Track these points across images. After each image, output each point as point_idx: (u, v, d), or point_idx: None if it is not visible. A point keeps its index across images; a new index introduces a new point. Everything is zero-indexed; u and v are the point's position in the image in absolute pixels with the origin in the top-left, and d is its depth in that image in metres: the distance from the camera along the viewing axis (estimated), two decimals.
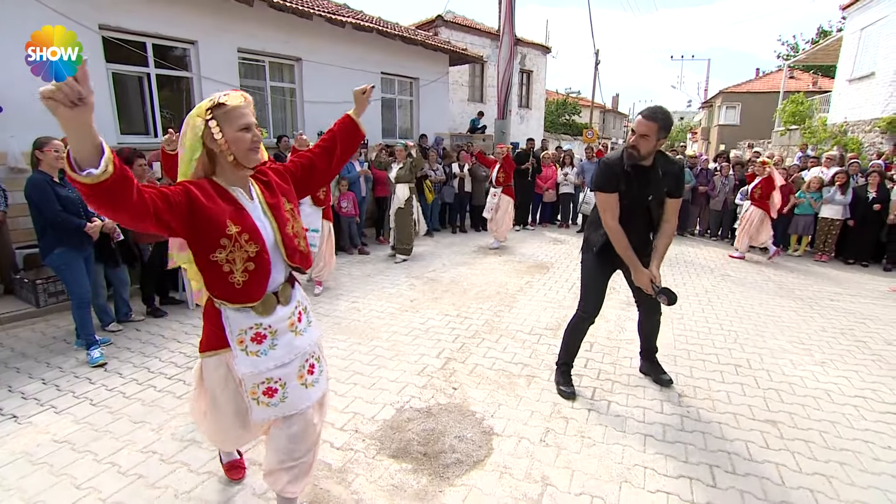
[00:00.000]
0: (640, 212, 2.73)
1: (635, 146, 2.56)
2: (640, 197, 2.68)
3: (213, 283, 1.62)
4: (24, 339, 3.96)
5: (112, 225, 3.72)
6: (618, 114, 38.33)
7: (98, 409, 2.87)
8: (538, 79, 17.36)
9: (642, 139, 2.52)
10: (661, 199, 2.74)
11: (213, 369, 1.77)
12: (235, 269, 1.59)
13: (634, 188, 2.66)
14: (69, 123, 1.10)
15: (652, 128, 2.49)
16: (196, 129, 1.53)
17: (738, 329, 4.25)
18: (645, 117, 2.51)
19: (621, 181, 2.65)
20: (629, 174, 2.64)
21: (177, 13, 6.04)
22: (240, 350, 1.68)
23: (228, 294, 1.62)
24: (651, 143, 2.53)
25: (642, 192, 2.66)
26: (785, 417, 2.85)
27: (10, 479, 2.27)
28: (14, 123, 4.71)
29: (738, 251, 7.24)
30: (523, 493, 2.16)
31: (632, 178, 2.65)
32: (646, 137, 2.51)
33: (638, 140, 2.54)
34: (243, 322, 1.67)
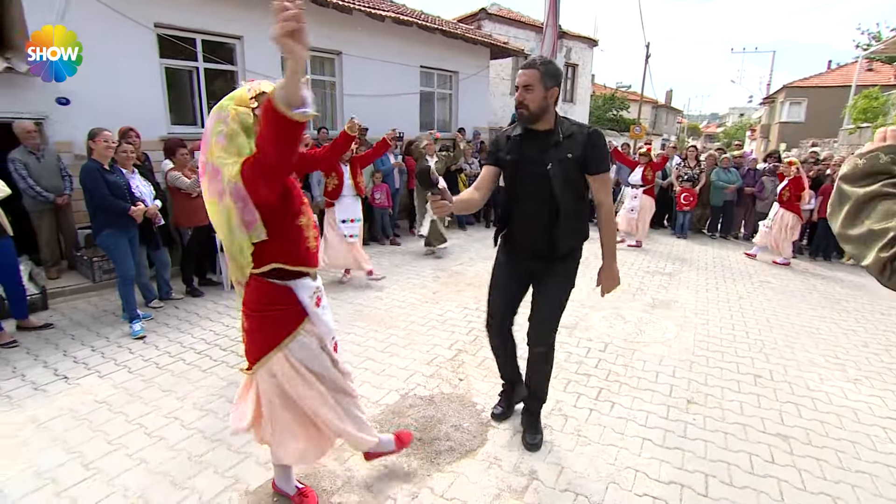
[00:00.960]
0: (538, 188, 2.19)
1: (521, 101, 2.13)
2: (536, 167, 2.17)
3: (293, 249, 1.73)
4: (80, 310, 4.38)
5: (154, 210, 4.04)
6: (671, 109, 36.72)
7: (134, 377, 3.16)
8: (584, 72, 16.93)
9: (527, 91, 2.10)
10: (568, 172, 2.16)
11: (305, 345, 1.80)
12: (310, 235, 1.80)
13: (527, 156, 2.20)
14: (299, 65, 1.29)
15: (533, 75, 2.09)
16: (246, 118, 1.62)
17: (766, 338, 4.07)
18: (523, 67, 2.14)
19: (504, 151, 2.26)
20: (519, 140, 2.23)
21: (225, 10, 6.38)
22: (317, 310, 1.85)
23: (306, 258, 1.78)
24: (538, 94, 2.10)
25: (538, 159, 2.17)
26: (799, 433, 2.74)
27: (57, 431, 2.58)
28: (80, 116, 5.16)
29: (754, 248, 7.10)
30: (508, 485, 2.21)
31: (523, 144, 2.22)
32: (529, 88, 2.09)
33: (523, 94, 2.11)
34: (308, 289, 1.83)
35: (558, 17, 10.40)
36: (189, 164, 4.56)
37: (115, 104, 5.40)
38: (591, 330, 4.10)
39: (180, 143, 4.59)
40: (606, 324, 4.26)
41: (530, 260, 2.34)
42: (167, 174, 4.50)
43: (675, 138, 32.12)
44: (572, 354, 3.62)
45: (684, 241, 8.15)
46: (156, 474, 2.25)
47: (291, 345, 1.79)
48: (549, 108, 2.18)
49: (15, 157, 4.57)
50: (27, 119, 4.81)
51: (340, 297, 4.76)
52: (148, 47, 5.79)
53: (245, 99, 1.64)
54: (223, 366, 3.34)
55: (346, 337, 3.78)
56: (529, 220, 2.27)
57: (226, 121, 1.60)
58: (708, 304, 4.91)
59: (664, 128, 33.54)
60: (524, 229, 2.31)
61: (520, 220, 2.31)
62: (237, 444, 2.46)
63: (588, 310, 4.58)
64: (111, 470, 2.27)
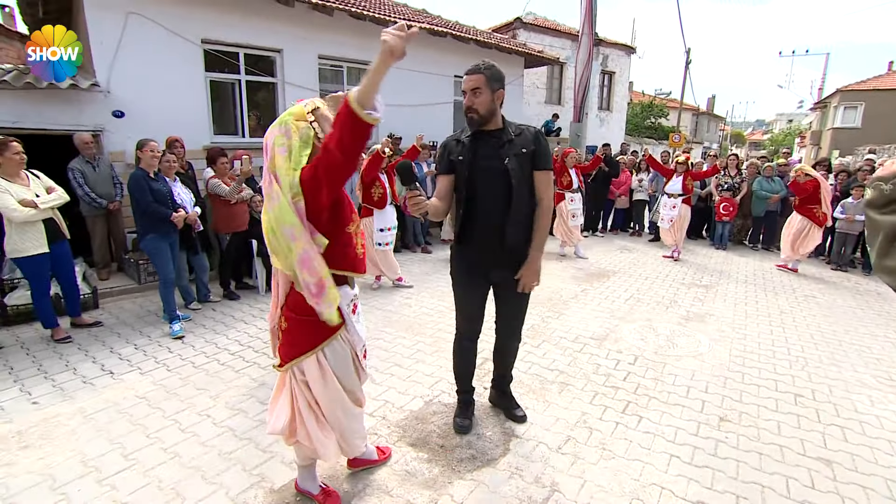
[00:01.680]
0: (495, 185, 2.30)
1: (470, 106, 2.25)
2: (492, 163, 2.29)
3: (343, 255, 1.81)
4: (126, 309, 4.64)
5: (194, 216, 4.25)
6: (713, 116, 35.54)
7: (172, 375, 3.32)
8: (621, 80, 16.67)
9: (475, 95, 2.22)
10: (523, 166, 2.30)
11: (339, 354, 1.89)
12: (357, 242, 1.88)
13: (481, 155, 2.31)
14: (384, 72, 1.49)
15: (480, 79, 2.21)
16: (306, 132, 1.70)
17: (809, 356, 3.86)
18: (468, 73, 2.25)
19: (457, 154, 2.34)
20: (472, 142, 2.33)
21: (266, 25, 6.67)
22: (353, 318, 1.93)
23: (354, 263, 1.86)
24: (487, 97, 2.23)
25: (494, 156, 2.30)
26: (844, 458, 2.58)
27: (101, 422, 2.74)
28: (132, 127, 5.51)
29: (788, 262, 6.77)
30: (529, 496, 2.19)
31: (476, 145, 2.33)
32: (478, 91, 2.21)
33: (472, 99, 2.23)
34: (347, 297, 1.91)
35: (594, 24, 10.31)
36: (229, 172, 4.77)
37: (163, 116, 5.74)
38: (622, 342, 4.01)
39: (221, 152, 4.82)
40: (637, 336, 4.15)
41: (489, 268, 2.44)
42: (208, 182, 4.73)
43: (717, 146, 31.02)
44: (601, 366, 3.54)
45: (723, 253, 7.85)
46: (188, 468, 2.35)
47: (326, 349, 1.86)
48: (497, 109, 2.32)
49: (74, 166, 4.91)
50: (86, 131, 5.17)
51: (370, 303, 4.84)
52: (195, 62, 6.13)
53: (303, 114, 1.73)
54: (255, 367, 3.45)
55: (374, 342, 3.85)
56: (486, 219, 2.34)
57: (288, 134, 1.69)
58: (746, 318, 4.70)
59: (705, 136, 32.49)
60: (481, 230, 2.37)
61: (477, 220, 2.36)
62: (265, 444, 2.54)
63: (619, 321, 4.48)
64: (148, 462, 2.39)
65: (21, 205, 3.46)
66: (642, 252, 7.66)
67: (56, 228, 3.76)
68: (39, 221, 3.61)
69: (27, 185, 3.61)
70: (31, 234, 3.57)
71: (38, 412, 2.84)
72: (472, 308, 2.58)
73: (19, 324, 4.17)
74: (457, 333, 2.71)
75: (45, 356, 3.60)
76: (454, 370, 2.78)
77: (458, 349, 2.71)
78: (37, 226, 3.60)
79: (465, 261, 2.51)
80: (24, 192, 3.53)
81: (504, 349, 2.74)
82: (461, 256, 2.52)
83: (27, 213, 3.48)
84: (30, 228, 3.57)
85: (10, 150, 3.49)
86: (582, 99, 10.26)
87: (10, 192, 3.44)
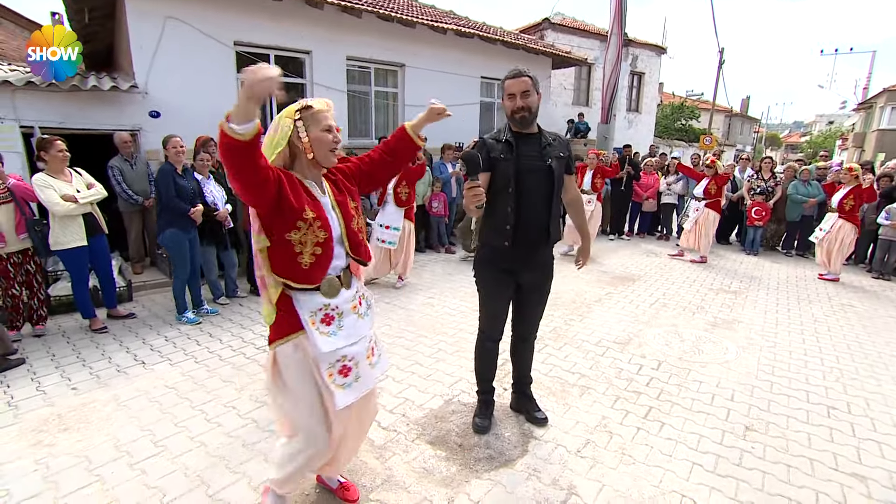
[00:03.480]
0: (539, 184, 2.38)
1: (523, 106, 2.32)
2: (536, 164, 2.38)
3: (280, 262, 1.73)
4: (158, 303, 4.82)
5: (224, 213, 4.38)
6: (747, 118, 34.43)
7: (200, 367, 3.44)
8: (650, 81, 16.34)
9: (525, 97, 2.31)
10: (561, 170, 2.45)
11: (290, 355, 1.77)
12: (304, 252, 1.71)
13: (526, 155, 2.38)
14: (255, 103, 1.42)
15: (528, 82, 2.31)
16: (284, 129, 1.70)
17: (844, 367, 3.70)
18: (514, 77, 2.32)
19: (500, 153, 2.37)
20: (515, 142, 2.39)
21: (296, 27, 6.82)
22: (313, 329, 1.75)
23: (293, 274, 1.71)
24: (535, 98, 2.35)
25: (536, 156, 2.39)
26: (882, 475, 2.47)
27: (133, 409, 2.86)
28: (167, 127, 5.68)
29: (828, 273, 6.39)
30: (545, 498, 2.18)
31: (519, 146, 2.39)
32: (528, 94, 2.31)
33: (524, 100, 2.32)
34: (312, 304, 1.76)
35: (624, 24, 10.13)
36: None
37: (197, 115, 5.93)
38: (645, 346, 3.94)
39: None
40: (662, 341, 4.07)
41: (521, 266, 2.49)
42: None
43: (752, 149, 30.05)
44: (623, 371, 3.49)
45: (755, 258, 7.61)
46: (213, 457, 2.43)
47: (281, 349, 1.78)
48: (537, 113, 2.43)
49: (113, 164, 5.14)
50: (125, 131, 5.40)
51: (393, 303, 4.89)
52: (227, 64, 6.32)
53: (291, 111, 1.72)
54: None
55: (396, 341, 3.89)
56: (530, 216, 2.40)
57: (275, 128, 1.72)
58: (777, 326, 4.55)
59: (739, 138, 31.52)
60: (525, 228, 2.40)
61: (521, 218, 2.39)
62: None
63: (643, 326, 4.40)
64: (176, 449, 2.48)
65: (63, 199, 3.64)
66: (669, 256, 7.49)
67: (94, 223, 3.94)
68: (79, 216, 3.80)
69: (70, 181, 3.79)
70: (71, 228, 3.76)
71: (77, 397, 2.98)
72: (497, 308, 2.60)
73: (61, 314, 4.38)
74: (480, 333, 2.72)
75: (83, 345, 3.77)
76: (475, 370, 2.78)
77: (480, 349, 2.72)
78: (77, 220, 3.79)
79: (498, 261, 2.50)
80: (67, 188, 3.71)
81: (523, 346, 2.77)
82: (494, 257, 2.50)
83: (68, 208, 3.66)
84: (70, 223, 3.75)
85: (55, 149, 3.68)
86: (610, 100, 10.10)
87: (53, 188, 3.63)
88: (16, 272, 3.75)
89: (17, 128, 4.94)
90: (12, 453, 2.43)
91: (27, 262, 3.84)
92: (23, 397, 2.98)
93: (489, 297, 2.60)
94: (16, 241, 3.69)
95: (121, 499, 2.12)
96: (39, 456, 2.41)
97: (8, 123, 4.90)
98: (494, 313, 2.61)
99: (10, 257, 3.71)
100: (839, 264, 6.28)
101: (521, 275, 2.51)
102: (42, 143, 3.70)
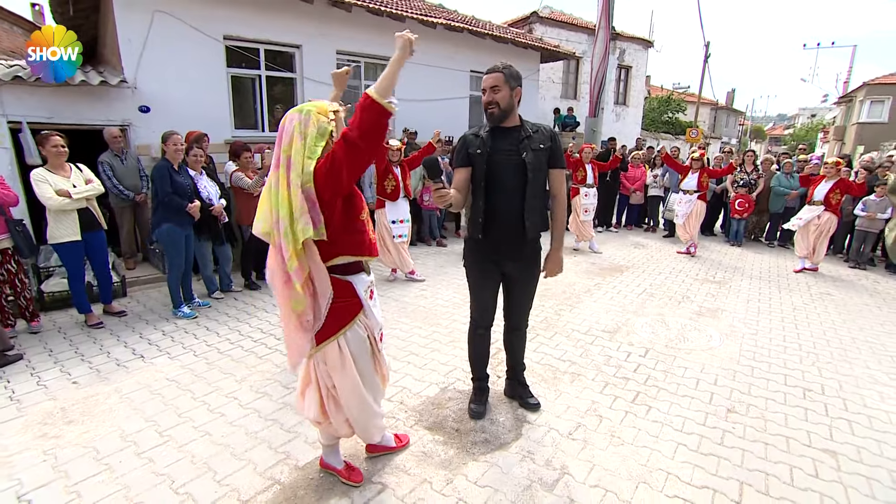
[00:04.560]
0: (512, 178, 2.43)
1: (490, 101, 2.37)
2: (510, 158, 2.42)
3: (359, 241, 1.93)
4: (153, 298, 4.84)
5: (219, 208, 4.41)
6: (732, 111, 34.90)
7: (199, 360, 3.49)
8: (637, 74, 16.51)
9: (494, 92, 2.36)
10: (540, 162, 2.45)
11: (359, 337, 2.00)
12: (369, 229, 2.00)
13: (500, 149, 2.43)
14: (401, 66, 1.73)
15: (499, 78, 2.33)
16: (325, 126, 1.80)
17: (820, 352, 3.88)
18: (487, 73, 2.38)
19: (477, 148, 2.43)
20: (491, 136, 2.45)
21: (286, 22, 6.81)
22: (369, 303, 2.03)
23: (368, 248, 1.97)
24: (506, 94, 2.36)
25: (512, 151, 2.43)
26: (850, 450, 2.63)
27: (136, 402, 2.92)
28: (157, 122, 5.70)
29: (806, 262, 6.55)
30: (539, 477, 2.30)
31: (495, 140, 2.44)
32: (496, 89, 2.35)
33: (491, 95, 2.36)
34: (364, 283, 2.02)
35: (612, 18, 10.25)
36: (251, 166, 4.93)
37: (187, 110, 5.92)
38: (633, 335, 4.08)
39: (245, 146, 4.98)
40: (649, 329, 4.21)
41: (502, 257, 2.56)
42: (231, 175, 4.89)
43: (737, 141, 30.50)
44: (612, 358, 3.63)
45: (738, 249, 7.82)
46: (218, 445, 2.50)
47: (348, 334, 1.97)
48: (515, 106, 2.44)
49: (104, 159, 5.12)
50: (114, 126, 5.37)
51: (387, 294, 4.97)
52: (217, 58, 6.29)
53: (325, 110, 1.82)
54: (277, 353, 3.61)
55: (391, 332, 3.97)
56: (505, 210, 2.46)
57: (306, 123, 1.78)
58: (759, 314, 4.73)
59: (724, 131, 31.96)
60: (501, 221, 2.48)
61: (497, 211, 2.47)
62: (289, 424, 2.68)
63: (631, 315, 4.54)
64: (181, 438, 2.55)
65: (57, 194, 3.65)
66: (656, 248, 7.67)
67: (92, 218, 3.95)
68: (73, 211, 3.80)
69: (68, 176, 3.81)
70: (65, 222, 3.78)
71: (79, 391, 3.03)
72: (485, 297, 2.70)
73: (55, 310, 4.39)
74: (471, 322, 2.82)
75: (80, 340, 3.80)
76: (469, 357, 2.89)
77: (472, 337, 2.83)
78: (70, 215, 3.80)
79: (480, 252, 2.61)
80: (63, 183, 3.73)
81: (514, 335, 2.86)
82: (477, 248, 2.62)
83: (60, 202, 3.67)
84: (64, 217, 3.77)
85: (50, 143, 3.70)
86: (598, 94, 10.23)
87: (49, 182, 3.65)
88: None
89: (5, 123, 4.89)
90: (20, 444, 2.48)
91: (7, 262, 3.78)
92: (24, 392, 3.02)
93: (476, 286, 2.70)
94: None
95: (131, 486, 2.19)
96: (47, 447, 2.46)
97: None
98: (482, 302, 2.71)
99: None
100: (822, 254, 6.49)
101: (504, 265, 2.60)
102: (40, 139, 3.72)
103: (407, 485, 2.24)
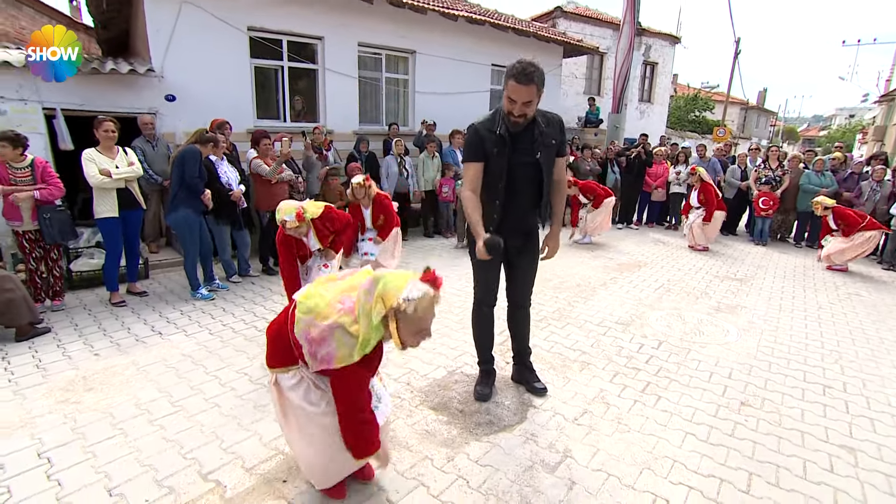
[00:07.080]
0: (529, 174, 2.48)
1: (523, 114, 2.32)
2: (526, 157, 2.44)
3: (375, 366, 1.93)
4: (173, 280, 4.98)
5: (238, 194, 4.52)
6: (763, 111, 33.84)
7: (213, 337, 3.59)
8: (663, 71, 16.16)
9: (527, 106, 2.28)
10: (551, 158, 2.51)
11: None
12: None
13: (515, 148, 2.43)
14: None
15: (532, 91, 2.24)
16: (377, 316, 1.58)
17: (844, 351, 3.74)
18: (521, 83, 2.22)
19: (492, 146, 2.41)
20: (508, 135, 2.41)
21: (308, 13, 6.90)
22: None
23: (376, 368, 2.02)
24: (536, 104, 2.32)
25: (527, 150, 2.44)
26: (870, 448, 2.53)
27: (152, 374, 3.02)
28: (182, 110, 5.86)
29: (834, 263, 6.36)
30: (542, 459, 2.28)
31: (509, 139, 2.41)
32: (530, 104, 2.28)
33: (523, 109, 2.29)
34: None
35: (637, 13, 10.04)
36: (270, 153, 5.02)
37: (211, 100, 6.06)
38: (647, 327, 4.01)
39: (264, 134, 5.07)
40: (664, 323, 4.13)
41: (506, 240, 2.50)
42: (251, 162, 4.99)
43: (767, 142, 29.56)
44: (623, 349, 3.57)
45: (763, 249, 7.59)
46: (226, 416, 2.57)
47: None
48: None
49: (136, 145, 5.29)
50: (142, 113, 5.55)
51: None
52: (241, 49, 6.42)
53: (391, 302, 1.56)
54: None
55: None
56: (517, 205, 2.54)
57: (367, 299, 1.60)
58: (780, 311, 4.58)
59: (754, 131, 31.03)
60: (511, 217, 2.55)
61: (508, 209, 2.53)
62: None
63: (646, 309, 4.46)
64: (191, 409, 2.63)
65: (100, 173, 3.92)
66: (676, 245, 7.50)
67: (131, 197, 4.22)
68: (113, 190, 4.06)
69: (114, 158, 4.09)
70: (105, 199, 4.06)
71: (100, 362, 3.14)
72: (489, 276, 2.73)
73: (82, 289, 4.57)
74: (475, 302, 2.84)
75: (104, 317, 3.94)
76: (475, 338, 2.89)
77: (477, 316, 2.84)
78: (111, 193, 4.07)
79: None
80: (107, 164, 4.02)
81: (519, 313, 2.86)
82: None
83: (101, 180, 3.94)
84: (105, 195, 4.05)
85: (102, 128, 4.03)
86: (622, 90, 10.04)
87: (94, 162, 3.95)
88: (31, 248, 3.90)
89: (41, 109, 5.10)
90: (43, 408, 2.60)
91: (42, 240, 3.95)
92: (50, 361, 3.15)
93: (481, 265, 2.69)
94: (30, 223, 3.86)
95: (142, 449, 2.27)
96: (67, 411, 2.57)
97: (31, 105, 5.05)
98: (486, 279, 2.74)
99: (26, 234, 3.86)
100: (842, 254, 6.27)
101: (508, 240, 2.55)
102: (95, 123, 4.03)
103: (408, 460, 2.25)
